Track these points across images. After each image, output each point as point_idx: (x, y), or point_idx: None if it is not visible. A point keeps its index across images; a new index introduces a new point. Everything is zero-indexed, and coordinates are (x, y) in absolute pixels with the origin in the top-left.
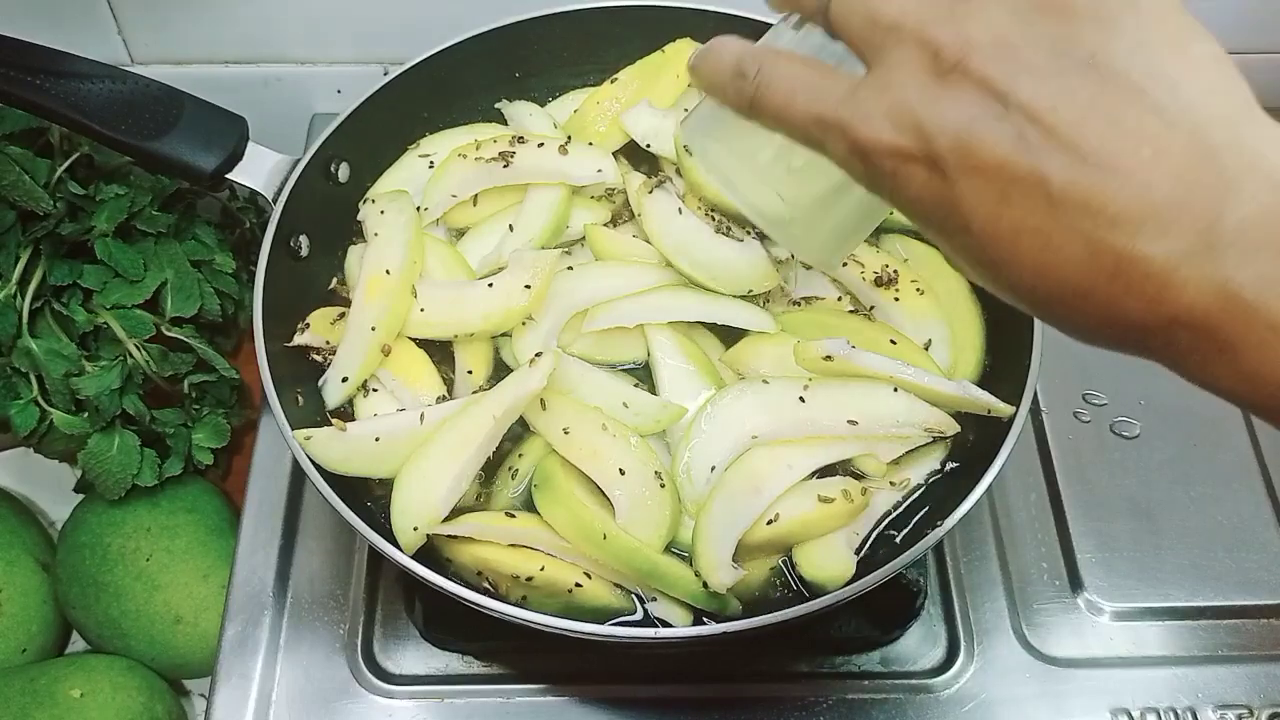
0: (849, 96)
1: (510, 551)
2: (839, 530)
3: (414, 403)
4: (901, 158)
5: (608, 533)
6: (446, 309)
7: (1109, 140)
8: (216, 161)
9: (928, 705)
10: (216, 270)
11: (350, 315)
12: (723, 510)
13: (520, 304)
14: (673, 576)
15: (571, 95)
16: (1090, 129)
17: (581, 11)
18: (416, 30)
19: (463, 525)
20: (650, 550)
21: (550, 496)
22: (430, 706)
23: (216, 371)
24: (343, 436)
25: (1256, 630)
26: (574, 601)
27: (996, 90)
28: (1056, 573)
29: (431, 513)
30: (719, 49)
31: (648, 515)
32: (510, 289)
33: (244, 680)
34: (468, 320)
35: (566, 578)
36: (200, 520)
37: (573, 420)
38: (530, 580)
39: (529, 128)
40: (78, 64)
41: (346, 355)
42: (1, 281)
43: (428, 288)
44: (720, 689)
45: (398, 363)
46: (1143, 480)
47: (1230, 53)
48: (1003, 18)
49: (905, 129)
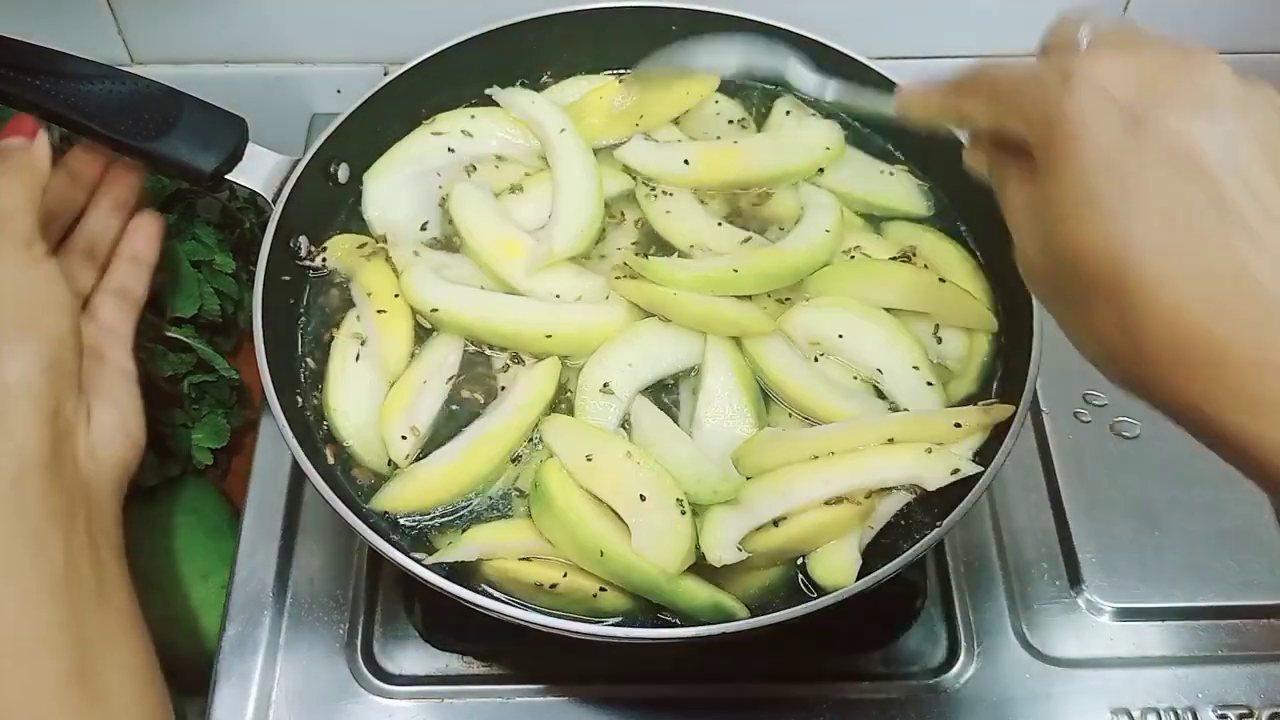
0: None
1: (528, 562)
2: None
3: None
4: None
5: (605, 549)
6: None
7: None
8: (216, 162)
9: (928, 705)
10: (216, 270)
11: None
12: (743, 499)
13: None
14: (674, 593)
15: (572, 81)
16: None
17: (583, 12)
18: (416, 30)
19: (466, 548)
20: (650, 567)
21: (544, 509)
22: (430, 707)
23: (216, 372)
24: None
25: (1256, 630)
26: (599, 607)
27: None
28: (1056, 573)
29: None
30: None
31: (665, 544)
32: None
33: (244, 680)
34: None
35: (590, 583)
36: (200, 520)
37: (597, 448)
38: (554, 587)
39: (534, 116)
40: (77, 65)
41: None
42: None
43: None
44: (720, 689)
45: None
46: (1143, 480)
47: (1230, 53)
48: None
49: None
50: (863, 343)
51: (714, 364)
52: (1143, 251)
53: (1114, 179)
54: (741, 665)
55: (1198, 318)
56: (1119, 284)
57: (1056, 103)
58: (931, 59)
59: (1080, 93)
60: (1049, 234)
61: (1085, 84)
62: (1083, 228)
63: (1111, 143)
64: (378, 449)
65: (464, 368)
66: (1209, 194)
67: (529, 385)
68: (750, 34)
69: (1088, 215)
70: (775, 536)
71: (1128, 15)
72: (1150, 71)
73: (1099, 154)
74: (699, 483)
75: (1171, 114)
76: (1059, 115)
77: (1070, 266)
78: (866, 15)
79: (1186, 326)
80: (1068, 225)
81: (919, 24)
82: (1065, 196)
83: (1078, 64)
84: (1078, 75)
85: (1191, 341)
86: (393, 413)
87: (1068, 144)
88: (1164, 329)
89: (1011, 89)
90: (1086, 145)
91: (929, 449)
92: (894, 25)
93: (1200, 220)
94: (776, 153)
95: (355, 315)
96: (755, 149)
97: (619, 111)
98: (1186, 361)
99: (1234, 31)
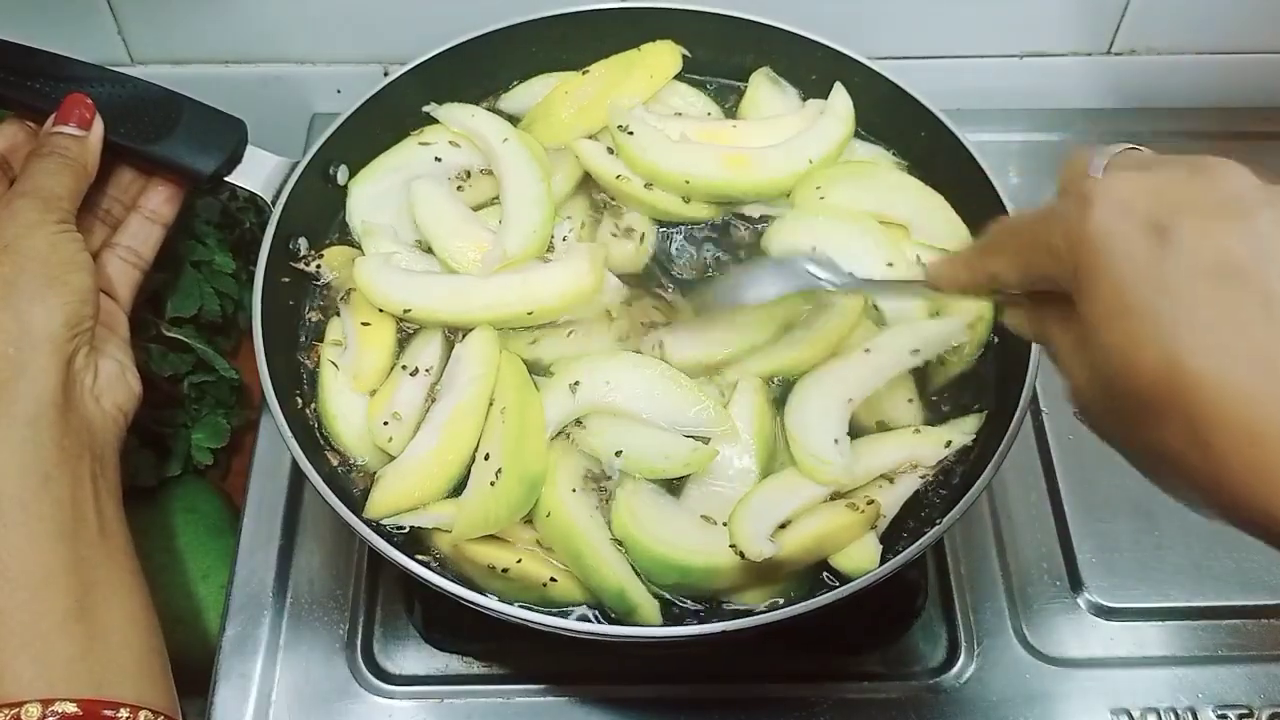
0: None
1: (486, 543)
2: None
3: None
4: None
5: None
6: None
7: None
8: (215, 164)
9: (928, 705)
10: (216, 270)
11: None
12: (774, 488)
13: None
14: (588, 568)
15: (539, 80)
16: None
17: (585, 13)
18: (416, 30)
19: (429, 515)
20: (586, 537)
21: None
22: (430, 707)
23: (216, 371)
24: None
25: (1256, 630)
26: (549, 596)
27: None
28: (1056, 573)
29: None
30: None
31: (470, 503)
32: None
33: (244, 680)
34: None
35: (542, 570)
36: (200, 520)
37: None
38: (506, 572)
39: (475, 129)
40: (77, 68)
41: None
42: None
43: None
44: (720, 689)
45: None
46: (1143, 480)
47: (1230, 53)
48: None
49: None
50: (837, 250)
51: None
52: (1196, 357)
53: (1151, 290)
54: (742, 665)
55: (1267, 418)
56: (1178, 394)
57: (1079, 227)
58: (932, 59)
59: (1101, 210)
60: (1098, 363)
61: (1104, 201)
62: (1132, 344)
63: (1141, 254)
64: (377, 452)
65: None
66: (1253, 293)
67: (476, 356)
68: (775, 260)
69: (1133, 331)
70: (800, 538)
71: (1125, 17)
72: (1170, 183)
73: (1130, 267)
74: (668, 459)
75: (1199, 221)
76: (1082, 237)
77: (1126, 389)
78: (867, 16)
79: (1257, 427)
80: (1115, 346)
81: (922, 25)
82: (1107, 318)
83: (1095, 186)
84: (1096, 195)
85: (1265, 443)
86: (378, 404)
87: (1096, 263)
88: (1233, 434)
89: (1033, 231)
90: (1116, 260)
91: (916, 429)
92: (896, 26)
93: (1249, 320)
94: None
95: (339, 323)
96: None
97: (584, 104)
98: (1263, 465)
99: (1234, 32)
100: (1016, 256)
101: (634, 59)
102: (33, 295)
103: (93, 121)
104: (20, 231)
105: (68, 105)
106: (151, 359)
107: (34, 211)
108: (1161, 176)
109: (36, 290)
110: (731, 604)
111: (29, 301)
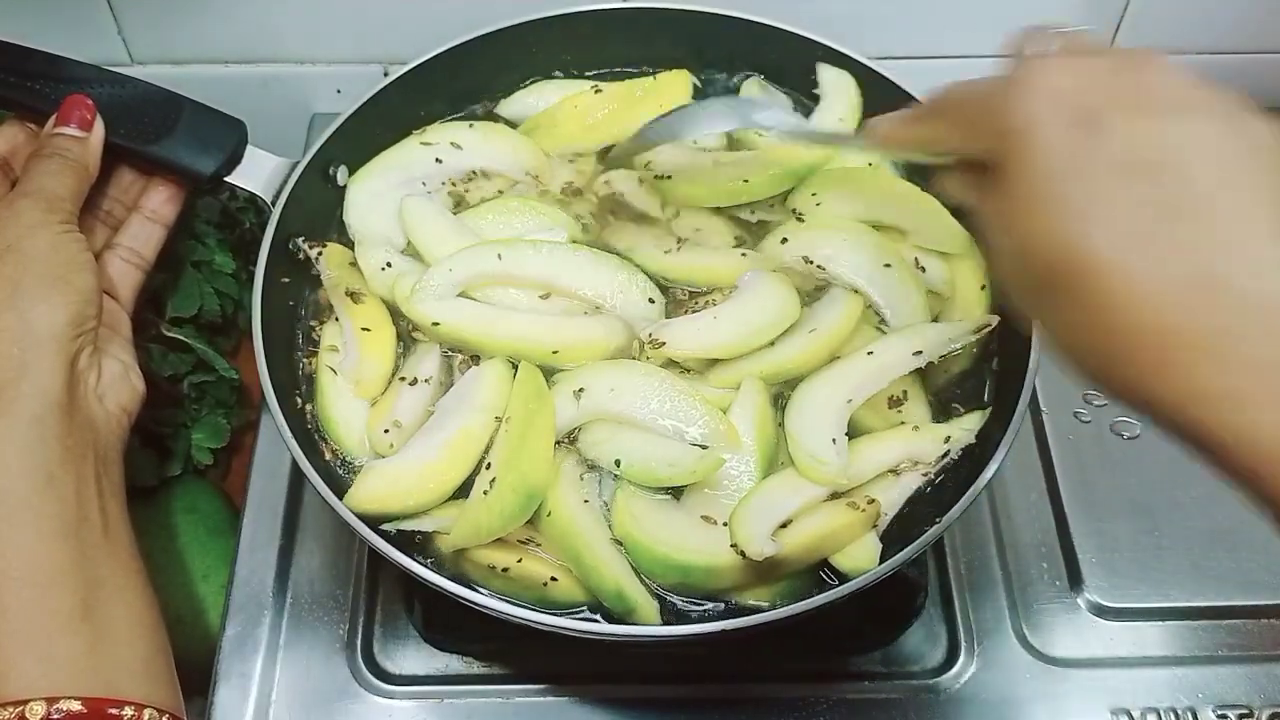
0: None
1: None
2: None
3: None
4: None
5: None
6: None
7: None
8: (215, 165)
9: (928, 705)
10: (216, 270)
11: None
12: (775, 487)
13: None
14: (586, 567)
15: (537, 87)
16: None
17: (585, 13)
18: (417, 31)
19: (429, 520)
20: (585, 536)
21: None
22: (430, 707)
23: (216, 371)
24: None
25: (1256, 630)
26: (549, 596)
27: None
28: (1056, 573)
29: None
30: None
31: (469, 512)
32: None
33: (244, 680)
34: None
35: (542, 570)
36: (200, 520)
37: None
38: (507, 571)
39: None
40: (77, 69)
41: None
42: None
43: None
44: (720, 689)
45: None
46: (1143, 480)
47: (1230, 53)
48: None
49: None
50: (841, 260)
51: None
52: (1107, 249)
53: (1071, 179)
54: (742, 665)
55: (1165, 313)
56: (1085, 282)
57: (1009, 109)
58: (931, 59)
59: (1030, 96)
60: (1018, 241)
61: (1034, 87)
62: (1047, 229)
63: (1065, 142)
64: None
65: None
66: (1168, 190)
67: (490, 386)
68: (719, 100)
69: (1051, 216)
70: (800, 537)
71: (1125, 17)
72: (1103, 73)
73: (1054, 154)
74: (673, 466)
75: (1126, 115)
76: (1011, 120)
77: (1040, 269)
78: (867, 16)
79: (1153, 322)
80: (1033, 229)
81: (921, 25)
82: (1027, 200)
83: (1026, 69)
84: (1026, 79)
85: (1160, 337)
86: (379, 414)
87: (1022, 147)
88: (1133, 325)
89: (972, 105)
90: (1040, 147)
91: (915, 427)
92: (896, 26)
93: (1162, 217)
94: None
95: (336, 325)
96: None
97: (593, 123)
98: (1156, 359)
99: (1234, 32)
100: (954, 127)
101: (648, 86)
102: (37, 295)
103: (94, 122)
104: (23, 232)
105: (68, 106)
106: (152, 359)
107: (37, 212)
108: (1096, 64)
109: (40, 290)
110: (731, 603)
111: (33, 302)
